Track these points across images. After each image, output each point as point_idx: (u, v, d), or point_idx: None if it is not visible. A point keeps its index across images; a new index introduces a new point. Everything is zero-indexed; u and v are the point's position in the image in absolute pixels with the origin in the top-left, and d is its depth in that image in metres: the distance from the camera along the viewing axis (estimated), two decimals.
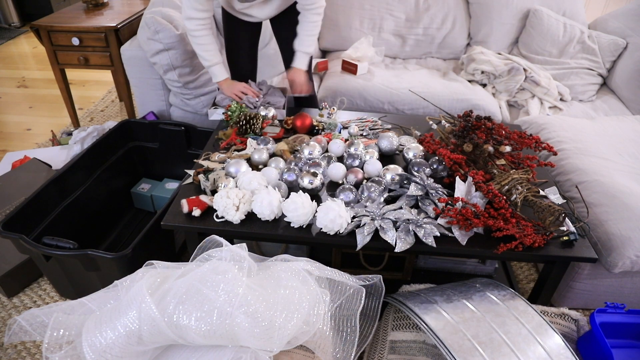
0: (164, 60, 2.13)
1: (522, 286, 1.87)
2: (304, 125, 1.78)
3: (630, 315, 1.43)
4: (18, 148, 2.71)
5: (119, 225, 2.09)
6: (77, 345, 0.99)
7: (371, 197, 1.41)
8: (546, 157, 1.92)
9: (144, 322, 0.97)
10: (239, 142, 1.66)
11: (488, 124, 1.52)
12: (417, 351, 1.26)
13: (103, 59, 2.49)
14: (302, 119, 1.78)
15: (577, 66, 2.53)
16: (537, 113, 2.34)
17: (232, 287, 1.00)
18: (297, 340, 1.06)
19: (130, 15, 2.55)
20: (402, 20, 2.74)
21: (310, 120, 1.79)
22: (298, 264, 1.17)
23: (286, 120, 1.86)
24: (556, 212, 1.29)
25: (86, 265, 1.47)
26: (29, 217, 1.63)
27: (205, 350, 1.05)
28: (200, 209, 1.36)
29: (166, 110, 2.45)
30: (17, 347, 1.58)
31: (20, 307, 1.73)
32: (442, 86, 2.40)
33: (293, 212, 1.31)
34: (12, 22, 4.61)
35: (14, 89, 3.45)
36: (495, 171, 1.47)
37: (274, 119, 1.83)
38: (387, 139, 1.65)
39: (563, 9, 2.66)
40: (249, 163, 1.56)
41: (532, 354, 1.10)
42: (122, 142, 2.14)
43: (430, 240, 1.29)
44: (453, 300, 1.26)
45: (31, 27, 2.45)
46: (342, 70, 2.55)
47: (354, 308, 1.18)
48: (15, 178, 2.04)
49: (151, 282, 1.04)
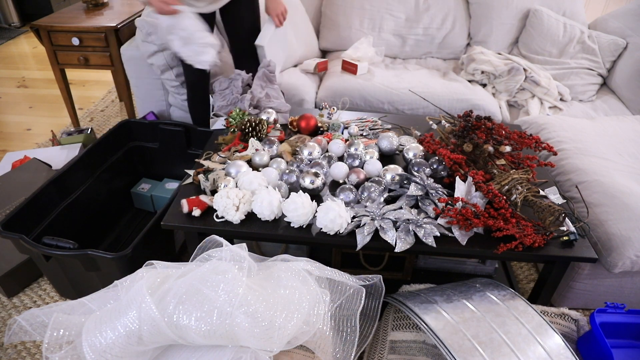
0: (160, 61, 2.13)
1: (522, 286, 1.87)
2: (309, 126, 1.78)
3: (630, 315, 1.43)
4: (18, 148, 2.71)
5: (119, 225, 2.09)
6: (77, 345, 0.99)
7: (371, 197, 1.41)
8: (546, 157, 1.92)
9: (144, 322, 0.97)
10: (242, 147, 1.64)
11: (488, 124, 1.52)
12: (417, 351, 1.26)
13: (103, 59, 2.49)
14: (306, 120, 1.78)
15: (577, 66, 2.53)
16: (537, 113, 2.34)
17: (232, 287, 1.00)
18: (297, 340, 1.06)
19: (130, 15, 2.55)
20: (402, 20, 2.74)
21: (314, 121, 1.78)
22: (298, 264, 1.17)
23: (291, 121, 1.85)
24: (556, 212, 1.29)
25: (86, 265, 1.47)
26: (29, 217, 1.63)
27: (205, 350, 1.05)
28: (200, 209, 1.36)
29: (166, 110, 2.46)
30: (17, 347, 1.58)
31: (20, 307, 1.73)
32: (442, 86, 2.40)
33: (293, 212, 1.31)
34: (12, 22, 4.61)
35: (14, 89, 3.45)
36: (495, 171, 1.47)
37: (275, 123, 1.82)
38: (387, 139, 1.65)
39: (563, 9, 2.66)
40: (250, 164, 1.56)
41: (532, 354, 1.10)
42: (122, 142, 2.14)
43: (430, 240, 1.29)
44: (453, 300, 1.26)
45: (31, 27, 2.45)
46: (342, 70, 2.55)
47: (354, 308, 1.18)
48: (15, 178, 2.04)
49: (151, 282, 1.04)
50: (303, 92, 2.33)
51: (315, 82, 2.55)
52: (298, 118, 1.80)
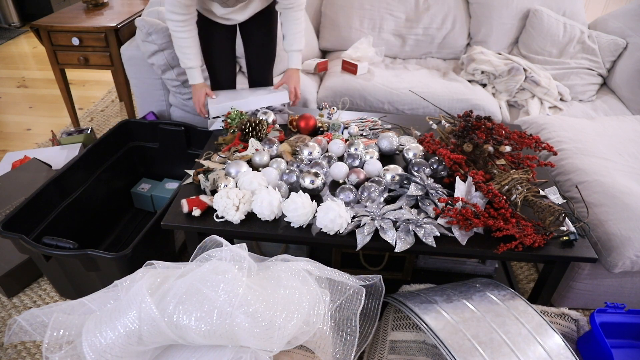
0: (161, 61, 2.13)
1: (522, 286, 1.87)
2: (308, 126, 1.78)
3: (630, 315, 1.42)
4: (18, 148, 2.71)
5: (119, 225, 2.09)
6: (77, 345, 0.99)
7: (371, 197, 1.41)
8: (546, 157, 1.92)
9: (144, 322, 0.97)
10: (242, 147, 1.64)
11: (488, 124, 1.52)
12: (417, 351, 1.26)
13: (103, 59, 2.49)
14: (305, 120, 1.78)
15: (577, 66, 2.53)
16: (537, 113, 2.34)
17: (232, 287, 1.00)
18: (297, 340, 1.06)
19: (130, 15, 2.55)
20: (402, 20, 2.74)
21: (314, 121, 1.79)
22: (298, 264, 1.17)
23: (291, 121, 1.85)
24: (556, 212, 1.29)
25: (86, 265, 1.47)
26: (29, 217, 1.63)
27: (205, 350, 1.05)
28: (200, 209, 1.36)
29: (166, 110, 2.45)
30: (17, 347, 1.58)
31: (20, 307, 1.73)
32: (442, 86, 2.40)
33: (293, 212, 1.31)
34: (12, 22, 4.61)
35: (14, 89, 3.45)
36: (495, 171, 1.47)
37: (274, 124, 1.82)
38: (387, 139, 1.65)
39: (563, 9, 2.66)
40: (250, 164, 1.56)
41: (532, 354, 1.10)
42: (122, 142, 2.14)
43: (430, 240, 1.29)
44: (453, 300, 1.26)
45: (31, 27, 2.45)
46: (342, 70, 2.55)
47: (354, 308, 1.18)
48: (15, 178, 2.04)
49: (151, 282, 1.04)
50: (303, 92, 2.33)
51: (316, 82, 2.55)
52: (298, 118, 1.81)
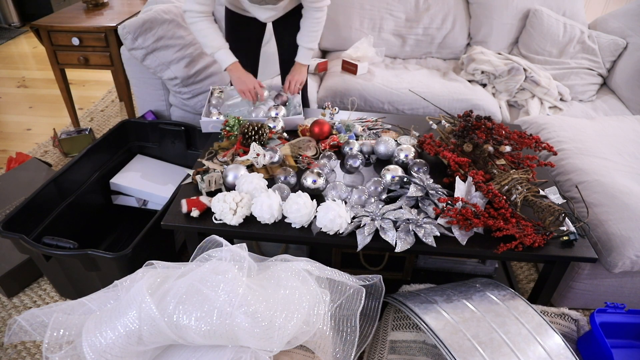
0: (154, 62, 2.12)
1: (522, 286, 1.87)
2: (322, 132, 1.69)
3: (630, 315, 1.43)
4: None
5: (119, 225, 2.09)
6: (77, 345, 0.99)
7: (371, 197, 1.41)
8: (546, 157, 1.92)
9: (144, 322, 0.97)
10: (242, 152, 1.62)
11: (488, 124, 1.52)
12: (417, 351, 1.26)
13: (103, 59, 2.49)
14: (319, 125, 1.69)
15: (577, 66, 2.53)
16: (537, 113, 2.34)
17: (232, 287, 1.00)
18: (297, 340, 1.06)
19: (130, 15, 2.54)
20: (402, 20, 2.74)
21: (328, 127, 1.69)
22: (298, 264, 1.17)
23: (302, 130, 1.76)
24: (556, 212, 1.29)
25: (86, 265, 1.47)
26: (29, 217, 1.63)
27: (205, 350, 1.05)
28: (199, 209, 1.36)
29: (166, 110, 2.45)
30: (17, 347, 1.58)
31: (20, 307, 1.73)
32: (442, 86, 2.40)
33: (295, 214, 1.31)
34: (12, 22, 4.61)
35: (14, 89, 3.45)
36: (495, 171, 1.47)
37: (283, 132, 1.73)
38: (384, 144, 1.63)
39: (563, 9, 2.66)
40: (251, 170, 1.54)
41: (532, 354, 1.10)
42: (122, 142, 2.14)
43: (430, 240, 1.29)
44: (453, 300, 1.26)
45: (31, 27, 2.45)
46: (342, 70, 2.55)
47: (354, 308, 1.18)
48: (15, 178, 2.04)
49: (151, 282, 1.04)
50: None
51: (316, 82, 2.55)
52: (311, 124, 1.71)
